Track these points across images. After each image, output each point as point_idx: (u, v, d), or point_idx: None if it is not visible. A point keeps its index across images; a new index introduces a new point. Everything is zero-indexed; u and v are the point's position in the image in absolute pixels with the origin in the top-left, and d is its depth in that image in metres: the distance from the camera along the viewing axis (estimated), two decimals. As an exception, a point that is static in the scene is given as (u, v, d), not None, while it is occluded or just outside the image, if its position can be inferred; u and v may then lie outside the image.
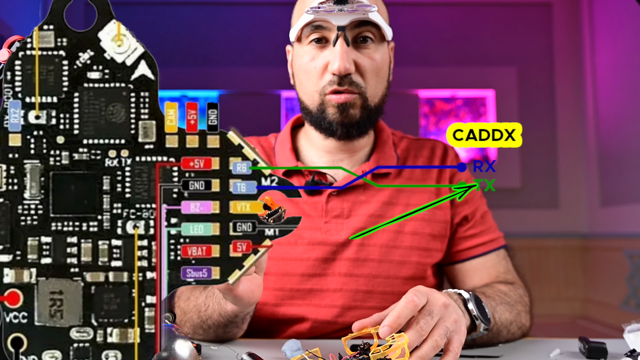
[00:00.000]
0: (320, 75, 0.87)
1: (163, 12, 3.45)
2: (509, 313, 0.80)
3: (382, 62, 0.88)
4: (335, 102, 0.86)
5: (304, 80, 0.90)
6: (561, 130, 3.41)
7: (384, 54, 0.88)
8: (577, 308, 3.31)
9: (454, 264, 0.96)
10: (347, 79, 0.84)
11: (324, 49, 0.86)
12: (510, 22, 3.46)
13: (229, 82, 3.41)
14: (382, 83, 0.90)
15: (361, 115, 0.88)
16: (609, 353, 0.69)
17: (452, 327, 0.60)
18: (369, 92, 0.87)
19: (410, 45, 3.40)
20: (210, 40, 3.44)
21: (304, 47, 0.88)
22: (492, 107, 3.45)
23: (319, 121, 0.89)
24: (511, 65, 3.42)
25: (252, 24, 3.44)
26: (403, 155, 0.99)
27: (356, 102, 0.87)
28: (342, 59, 0.82)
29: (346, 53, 0.83)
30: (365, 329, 0.60)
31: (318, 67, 0.86)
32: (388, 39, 0.88)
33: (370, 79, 0.87)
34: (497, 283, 0.89)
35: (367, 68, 0.86)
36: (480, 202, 0.99)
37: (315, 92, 0.88)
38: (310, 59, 0.87)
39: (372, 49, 0.86)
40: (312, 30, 0.86)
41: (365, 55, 0.86)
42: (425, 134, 3.45)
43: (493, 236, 0.96)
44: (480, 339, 0.76)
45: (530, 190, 3.38)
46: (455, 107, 3.50)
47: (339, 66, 0.82)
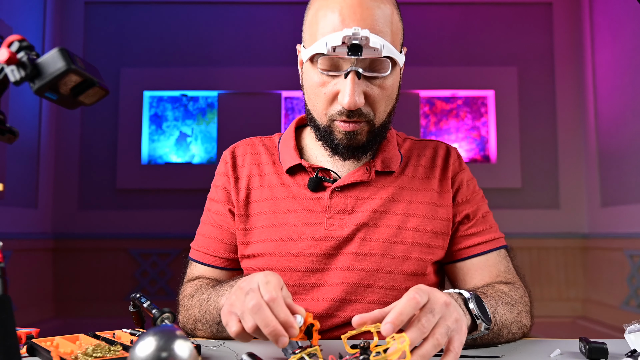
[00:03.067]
0: (330, 102, 0.87)
1: (163, 12, 3.45)
2: (510, 313, 0.81)
3: (392, 89, 0.88)
4: (343, 129, 0.87)
5: (313, 100, 0.89)
6: (561, 130, 3.40)
7: (394, 80, 0.87)
8: (578, 308, 3.31)
9: (455, 262, 0.96)
10: (356, 111, 0.85)
11: (336, 77, 0.85)
12: (511, 22, 3.46)
13: (229, 82, 3.41)
14: (390, 105, 0.90)
15: (367, 139, 0.89)
16: (609, 353, 0.68)
17: (453, 326, 0.60)
18: (376, 119, 0.88)
19: (411, 45, 3.39)
20: (210, 40, 3.44)
21: (314, 69, 0.87)
22: (492, 107, 3.44)
23: (326, 139, 0.90)
24: (511, 65, 3.42)
25: (252, 24, 3.44)
26: (407, 154, 1.00)
27: (363, 129, 0.88)
28: (352, 95, 0.82)
29: (357, 87, 0.82)
30: (365, 325, 0.60)
31: (328, 94, 0.86)
32: (400, 65, 0.87)
33: (379, 106, 0.87)
34: (497, 283, 0.89)
35: (377, 97, 0.86)
36: (482, 202, 1.00)
37: (324, 114, 0.88)
38: (320, 84, 0.86)
39: (383, 78, 0.85)
40: (325, 61, 0.84)
41: (376, 85, 0.85)
42: (425, 133, 3.45)
43: (494, 235, 0.96)
44: (480, 338, 0.76)
45: (530, 191, 3.38)
46: (456, 106, 3.50)
47: (349, 102, 0.82)
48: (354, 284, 0.90)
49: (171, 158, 3.46)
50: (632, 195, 2.84)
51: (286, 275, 0.91)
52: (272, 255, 0.91)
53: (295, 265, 0.91)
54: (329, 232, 0.91)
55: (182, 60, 3.42)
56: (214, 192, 1.02)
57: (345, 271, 0.90)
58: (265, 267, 0.91)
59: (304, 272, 0.91)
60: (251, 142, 1.04)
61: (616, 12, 3.04)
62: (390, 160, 0.96)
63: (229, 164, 1.00)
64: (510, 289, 0.87)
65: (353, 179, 0.93)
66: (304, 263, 0.91)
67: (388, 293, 0.90)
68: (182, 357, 0.45)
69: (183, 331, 0.81)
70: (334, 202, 0.92)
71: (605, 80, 3.15)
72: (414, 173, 0.97)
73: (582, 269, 3.33)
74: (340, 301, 0.90)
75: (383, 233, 0.91)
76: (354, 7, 0.82)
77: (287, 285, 0.90)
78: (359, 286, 0.89)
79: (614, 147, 3.05)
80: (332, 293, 0.90)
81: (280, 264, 0.91)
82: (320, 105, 0.88)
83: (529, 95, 3.43)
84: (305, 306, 0.90)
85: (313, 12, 0.88)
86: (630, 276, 2.83)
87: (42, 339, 0.71)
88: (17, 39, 0.52)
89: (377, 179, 0.95)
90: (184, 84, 3.41)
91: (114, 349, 0.67)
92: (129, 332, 0.76)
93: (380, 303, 0.90)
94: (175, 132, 3.48)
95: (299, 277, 0.90)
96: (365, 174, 0.93)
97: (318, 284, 0.90)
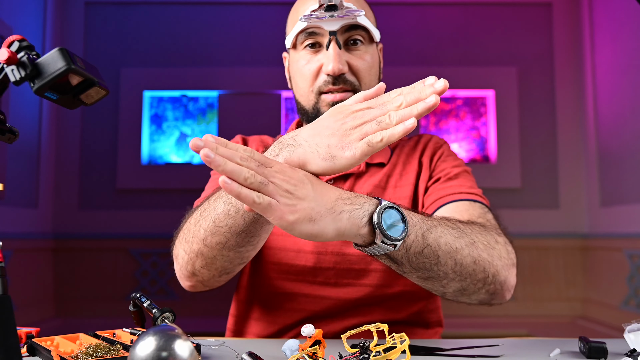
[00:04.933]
0: (315, 76, 0.92)
1: (163, 13, 3.45)
2: (457, 240, 0.69)
3: (372, 62, 0.94)
4: (330, 100, 0.91)
5: (299, 83, 0.95)
6: (561, 130, 3.40)
7: (373, 55, 0.94)
8: (577, 308, 3.31)
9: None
10: (340, 78, 0.90)
11: (318, 53, 0.92)
12: (510, 22, 3.46)
13: (229, 82, 3.41)
14: (374, 82, 0.94)
15: None
16: (609, 353, 0.68)
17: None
18: (362, 89, 0.91)
19: (410, 45, 3.41)
20: (210, 40, 3.44)
21: (299, 53, 0.94)
22: (492, 107, 3.44)
23: (314, 119, 0.91)
24: (511, 65, 3.42)
25: (252, 24, 3.44)
26: (397, 147, 1.03)
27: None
28: (335, 61, 0.88)
29: (339, 55, 0.88)
30: (365, 326, 0.60)
31: (312, 69, 0.92)
32: (376, 40, 0.94)
33: (364, 77, 0.92)
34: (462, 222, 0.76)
35: (360, 67, 0.91)
36: (455, 163, 0.96)
37: (311, 92, 0.93)
38: (305, 63, 0.93)
39: (362, 50, 0.92)
40: (306, 37, 0.91)
41: (357, 56, 0.92)
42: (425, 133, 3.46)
43: (468, 190, 0.89)
44: (409, 259, 0.66)
45: (530, 191, 3.38)
46: (455, 107, 3.50)
47: (333, 67, 0.88)
48: (345, 269, 0.92)
49: (171, 158, 3.46)
50: (632, 195, 2.84)
51: (298, 255, 0.93)
52: (287, 236, 0.95)
53: (296, 261, 0.94)
54: None
55: (182, 60, 3.42)
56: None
57: (336, 256, 0.93)
58: (289, 247, 0.94)
59: (302, 268, 0.93)
60: (260, 139, 1.07)
61: (616, 12, 3.04)
62: (380, 152, 0.99)
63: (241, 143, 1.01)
64: (473, 226, 0.75)
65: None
66: (301, 261, 0.93)
67: (385, 276, 0.92)
68: (182, 357, 0.45)
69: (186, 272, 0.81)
70: None
71: (605, 80, 3.15)
72: (397, 160, 1.00)
73: (582, 268, 3.33)
74: (374, 286, 0.92)
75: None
76: None
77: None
78: (350, 270, 0.92)
79: (613, 147, 3.05)
80: (330, 277, 0.92)
81: (293, 245, 0.94)
82: (306, 84, 0.93)
83: (529, 95, 3.43)
84: (326, 292, 0.93)
85: (292, 9, 0.99)
86: (630, 276, 2.83)
87: (42, 338, 0.72)
88: (17, 39, 0.52)
89: (368, 171, 0.98)
90: (184, 84, 3.41)
91: (114, 349, 0.67)
92: (129, 332, 0.77)
93: (376, 286, 0.93)
94: (175, 132, 3.48)
95: (304, 272, 0.94)
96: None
97: (332, 267, 0.93)
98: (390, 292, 0.93)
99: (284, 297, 0.95)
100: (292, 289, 0.94)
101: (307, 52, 0.93)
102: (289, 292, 0.94)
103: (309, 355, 0.57)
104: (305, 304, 0.94)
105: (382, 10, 0.96)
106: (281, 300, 0.95)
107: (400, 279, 0.92)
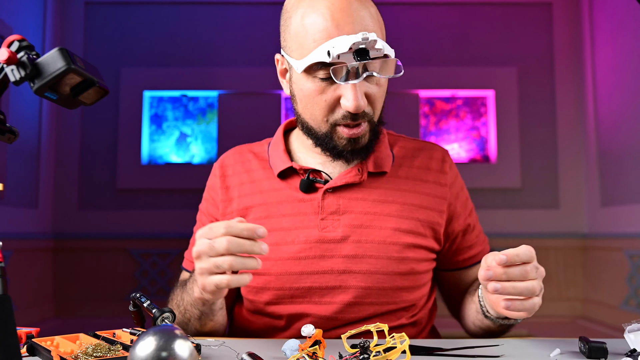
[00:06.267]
0: (332, 108, 0.86)
1: (163, 13, 3.45)
2: None
3: (385, 83, 0.88)
4: (346, 136, 0.87)
5: (311, 109, 0.88)
6: (561, 130, 3.40)
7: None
8: (578, 308, 3.31)
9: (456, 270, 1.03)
10: (360, 113, 0.85)
11: (334, 83, 0.83)
12: (510, 22, 3.46)
13: (229, 82, 3.41)
14: (384, 100, 0.91)
15: (369, 138, 0.90)
16: (609, 353, 0.68)
17: (541, 286, 0.77)
18: (376, 116, 0.89)
19: (410, 45, 3.40)
20: (210, 41, 3.44)
21: (310, 78, 0.85)
22: (492, 107, 3.44)
23: (326, 145, 0.90)
24: (511, 65, 3.42)
25: (252, 24, 3.44)
26: (399, 154, 1.00)
27: (366, 130, 0.88)
28: (356, 99, 0.81)
29: (359, 90, 0.82)
30: (365, 326, 0.60)
31: (329, 100, 0.85)
32: (392, 57, 0.86)
33: (379, 104, 0.88)
34: None
35: (377, 96, 0.86)
36: (473, 209, 1.05)
37: (325, 121, 0.87)
38: (319, 92, 0.85)
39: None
40: (324, 68, 0.82)
41: (374, 83, 0.85)
42: (425, 133, 3.45)
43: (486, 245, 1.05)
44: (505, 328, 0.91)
45: (530, 191, 3.38)
46: (455, 107, 3.50)
47: (355, 106, 0.82)
48: (352, 287, 0.89)
49: (171, 158, 3.46)
50: (632, 195, 2.84)
51: (282, 279, 0.90)
52: (266, 259, 0.90)
53: (290, 269, 0.90)
54: (323, 233, 0.90)
55: (182, 61, 3.42)
56: (204, 204, 1.03)
57: (342, 274, 0.89)
58: (260, 272, 0.91)
59: (299, 275, 0.90)
60: (239, 151, 1.04)
61: (616, 12, 3.04)
62: (382, 160, 0.96)
63: (218, 176, 1.01)
64: None
65: (345, 180, 0.93)
66: (299, 266, 0.90)
67: (386, 293, 0.90)
68: (182, 357, 0.45)
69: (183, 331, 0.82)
70: (326, 203, 0.92)
71: (605, 80, 3.15)
72: (408, 174, 0.97)
73: (582, 268, 3.33)
74: (339, 303, 0.89)
75: (378, 235, 0.90)
76: (345, 10, 0.81)
77: (283, 289, 0.90)
78: (357, 288, 0.89)
79: (613, 147, 3.05)
80: (331, 296, 0.90)
81: (276, 268, 0.91)
82: (320, 113, 0.87)
83: (529, 95, 3.43)
84: (305, 309, 0.90)
85: (298, 21, 0.85)
86: (630, 276, 2.83)
87: (42, 338, 0.71)
88: (17, 38, 0.52)
89: (370, 179, 0.95)
90: (184, 84, 3.41)
91: (114, 349, 0.67)
92: (129, 332, 0.77)
93: (379, 304, 0.90)
94: (175, 132, 3.48)
95: (294, 280, 0.90)
96: (357, 175, 0.93)
97: (315, 287, 0.90)
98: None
99: (284, 295, 0.94)
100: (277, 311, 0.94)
101: (321, 80, 0.84)
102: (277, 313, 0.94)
103: (309, 355, 0.57)
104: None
105: (382, 10, 0.92)
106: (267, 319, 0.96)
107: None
